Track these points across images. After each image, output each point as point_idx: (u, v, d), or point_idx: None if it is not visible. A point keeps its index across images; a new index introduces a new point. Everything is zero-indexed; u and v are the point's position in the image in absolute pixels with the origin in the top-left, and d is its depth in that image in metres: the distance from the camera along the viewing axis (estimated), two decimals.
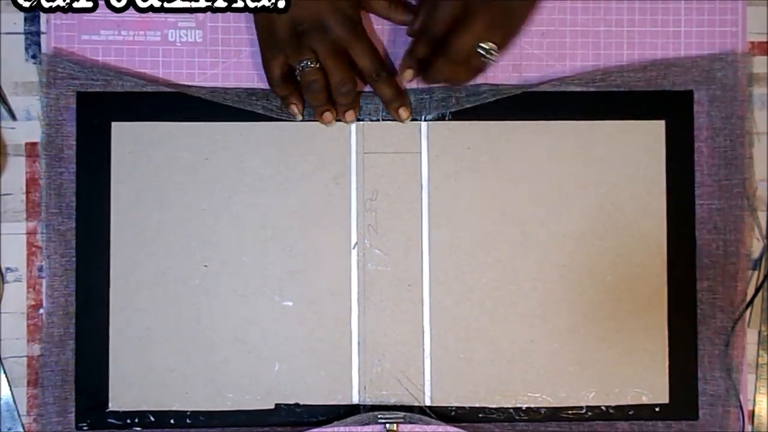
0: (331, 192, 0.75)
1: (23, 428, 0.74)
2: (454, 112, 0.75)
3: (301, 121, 0.74)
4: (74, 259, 0.74)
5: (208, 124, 0.75)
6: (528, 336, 0.75)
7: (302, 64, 0.68)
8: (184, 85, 0.75)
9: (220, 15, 0.75)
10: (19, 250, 0.75)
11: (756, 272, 0.76)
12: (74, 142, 0.74)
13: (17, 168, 0.75)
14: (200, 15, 0.75)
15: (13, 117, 0.74)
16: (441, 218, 0.75)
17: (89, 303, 0.74)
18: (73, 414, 0.74)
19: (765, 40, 0.76)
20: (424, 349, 0.74)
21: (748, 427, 0.76)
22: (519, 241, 0.75)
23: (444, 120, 0.75)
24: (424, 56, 0.69)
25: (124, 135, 0.74)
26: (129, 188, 0.74)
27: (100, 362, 0.74)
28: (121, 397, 0.74)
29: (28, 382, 0.74)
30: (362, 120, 0.75)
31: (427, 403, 0.75)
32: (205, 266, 0.74)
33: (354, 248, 0.75)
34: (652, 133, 0.75)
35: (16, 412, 0.74)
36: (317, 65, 0.68)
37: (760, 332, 0.76)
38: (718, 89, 0.75)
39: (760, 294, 0.76)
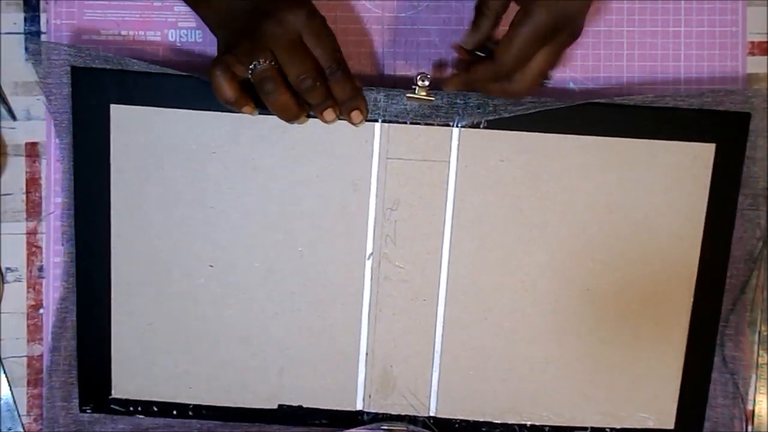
0: (348, 197, 0.70)
1: (23, 428, 0.74)
2: (489, 120, 0.69)
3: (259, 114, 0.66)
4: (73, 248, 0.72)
5: (216, 114, 0.69)
6: (543, 358, 0.73)
7: (252, 65, 0.61)
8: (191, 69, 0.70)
9: None
10: (19, 250, 0.74)
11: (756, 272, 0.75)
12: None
13: (17, 168, 0.73)
14: None
15: (13, 117, 0.72)
16: (464, 233, 0.71)
17: (91, 294, 0.72)
18: (77, 399, 0.73)
19: (765, 40, 0.75)
20: (433, 363, 0.73)
21: (749, 427, 0.76)
22: (544, 263, 0.71)
23: (478, 128, 0.69)
24: (483, 78, 0.64)
25: (125, 119, 0.69)
26: (131, 178, 0.70)
27: (102, 353, 0.72)
28: (124, 386, 0.73)
29: (28, 382, 0.74)
30: (388, 122, 0.69)
31: (432, 414, 0.74)
32: (211, 266, 0.71)
33: (369, 258, 0.71)
34: (700, 156, 0.70)
35: (16, 412, 0.74)
36: (271, 63, 0.61)
37: (759, 332, 0.76)
38: None
39: (760, 294, 0.75)
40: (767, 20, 0.75)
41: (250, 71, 0.62)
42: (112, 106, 0.69)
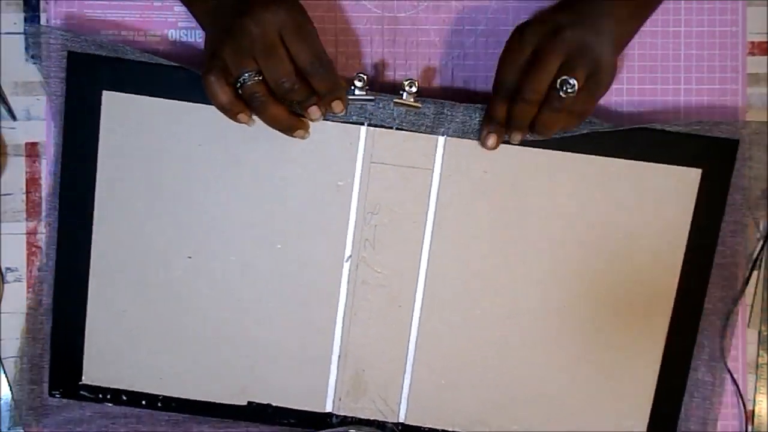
0: (330, 198, 0.70)
1: (23, 428, 0.74)
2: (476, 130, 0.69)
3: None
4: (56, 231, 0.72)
5: (204, 107, 0.69)
6: (516, 370, 0.73)
7: (242, 79, 0.62)
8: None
9: None
10: (19, 250, 0.74)
11: (756, 272, 0.75)
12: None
13: (17, 168, 0.73)
14: None
15: (13, 117, 0.73)
16: (444, 242, 0.71)
17: (69, 277, 0.72)
18: (47, 383, 0.74)
19: (765, 40, 0.75)
20: (405, 369, 0.73)
21: (749, 427, 0.76)
22: (521, 276, 0.71)
23: (464, 138, 0.69)
24: (503, 114, 0.65)
25: (116, 106, 0.69)
26: (116, 165, 0.70)
27: (76, 338, 0.72)
28: (95, 373, 0.73)
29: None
30: (374, 126, 0.69)
31: (401, 420, 0.74)
32: (189, 258, 0.71)
33: (347, 261, 0.71)
34: (685, 181, 0.70)
35: (16, 412, 0.74)
36: (257, 75, 0.62)
37: (760, 332, 0.76)
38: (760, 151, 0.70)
39: (760, 294, 0.75)
40: (767, 20, 0.75)
41: (239, 85, 0.62)
42: (104, 93, 0.69)
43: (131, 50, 0.69)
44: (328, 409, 0.73)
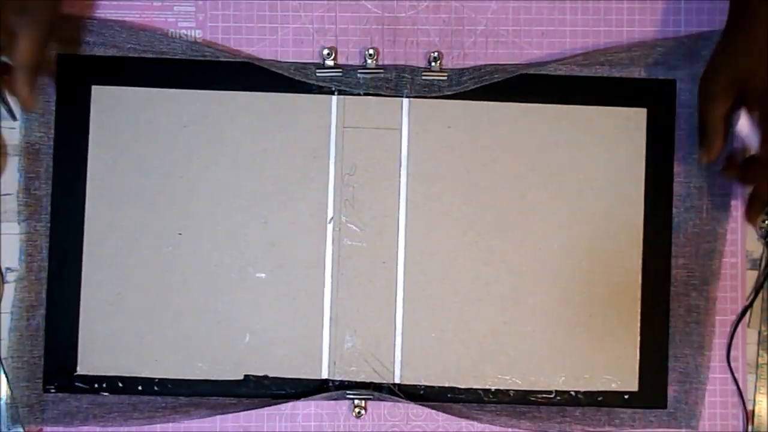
0: (309, 165, 0.74)
1: (23, 428, 0.73)
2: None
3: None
4: (49, 223, 0.74)
5: (188, 92, 0.74)
6: (501, 318, 0.74)
7: None
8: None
9: (220, 14, 0.76)
10: (19, 250, 0.74)
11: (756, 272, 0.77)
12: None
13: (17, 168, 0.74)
14: (200, 15, 0.76)
15: (13, 117, 0.74)
16: (418, 196, 0.75)
17: (62, 265, 0.74)
18: (42, 378, 0.73)
19: None
20: (396, 326, 0.74)
21: (749, 428, 0.75)
22: (495, 223, 0.75)
23: (425, 98, 0.75)
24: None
25: (104, 99, 0.74)
26: (107, 153, 0.74)
27: (70, 325, 0.73)
28: (90, 362, 0.73)
29: None
30: (344, 94, 0.75)
31: (397, 381, 0.74)
32: (180, 234, 0.74)
33: (330, 222, 0.74)
34: (634, 120, 0.75)
35: (16, 413, 0.73)
36: None
37: (760, 332, 0.76)
38: (702, 68, 0.73)
39: (760, 294, 0.76)
40: None
41: None
42: (93, 87, 0.74)
43: (119, 29, 0.73)
44: (324, 375, 0.74)
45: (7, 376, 0.73)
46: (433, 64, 0.75)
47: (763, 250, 0.76)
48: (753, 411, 0.76)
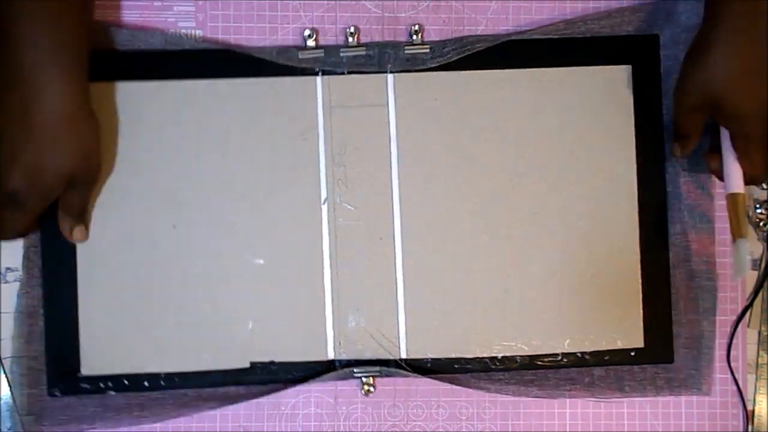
0: (299, 148, 0.74)
1: (23, 428, 0.73)
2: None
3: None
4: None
5: (170, 83, 0.74)
6: (502, 285, 0.74)
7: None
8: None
9: (219, 14, 0.76)
10: (19, 250, 0.73)
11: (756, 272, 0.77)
12: None
13: None
14: (200, 15, 0.75)
15: None
16: (411, 170, 0.75)
17: (57, 266, 0.73)
18: (45, 386, 0.73)
19: None
20: (398, 302, 0.74)
21: (749, 428, 0.76)
22: (489, 191, 0.75)
23: (410, 72, 0.75)
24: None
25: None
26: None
27: (70, 327, 0.73)
28: (93, 362, 0.73)
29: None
30: (327, 73, 0.74)
31: (403, 356, 0.74)
32: (174, 227, 0.73)
33: (324, 203, 0.74)
34: (619, 78, 0.76)
35: (16, 412, 0.73)
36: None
37: (760, 332, 0.77)
38: (683, 32, 0.75)
39: (760, 294, 0.77)
40: None
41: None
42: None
43: (115, 28, 0.73)
44: (330, 356, 0.74)
45: (7, 377, 0.73)
46: (414, 37, 0.75)
47: (763, 250, 0.77)
48: (753, 411, 0.76)
